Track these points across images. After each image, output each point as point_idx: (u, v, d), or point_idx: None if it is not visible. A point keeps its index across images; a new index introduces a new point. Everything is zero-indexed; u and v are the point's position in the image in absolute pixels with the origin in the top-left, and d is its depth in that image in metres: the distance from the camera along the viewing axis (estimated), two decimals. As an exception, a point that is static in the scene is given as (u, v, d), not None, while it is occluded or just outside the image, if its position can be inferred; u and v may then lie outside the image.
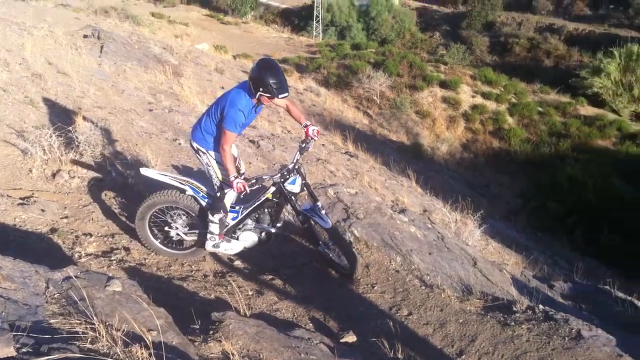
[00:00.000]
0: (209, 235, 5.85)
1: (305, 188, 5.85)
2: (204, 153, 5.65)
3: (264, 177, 5.70)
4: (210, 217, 5.76)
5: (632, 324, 6.57)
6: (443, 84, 26.09)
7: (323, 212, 5.86)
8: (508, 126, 24.06)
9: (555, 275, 9.32)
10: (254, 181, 5.51)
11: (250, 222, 5.92)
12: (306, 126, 5.75)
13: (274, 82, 5.12)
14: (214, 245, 5.90)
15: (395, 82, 25.91)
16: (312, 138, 5.74)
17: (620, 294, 7.83)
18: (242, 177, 5.63)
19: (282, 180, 5.64)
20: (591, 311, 6.96)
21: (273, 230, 5.93)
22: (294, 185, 5.67)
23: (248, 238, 5.91)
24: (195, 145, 5.70)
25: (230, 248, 5.95)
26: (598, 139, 22.91)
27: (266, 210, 5.91)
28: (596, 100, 26.56)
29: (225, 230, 5.84)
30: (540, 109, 25.19)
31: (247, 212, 5.83)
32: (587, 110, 25.43)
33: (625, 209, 14.23)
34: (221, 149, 5.38)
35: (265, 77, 5.12)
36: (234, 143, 5.73)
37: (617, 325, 6.22)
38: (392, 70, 26.33)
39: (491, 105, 25.23)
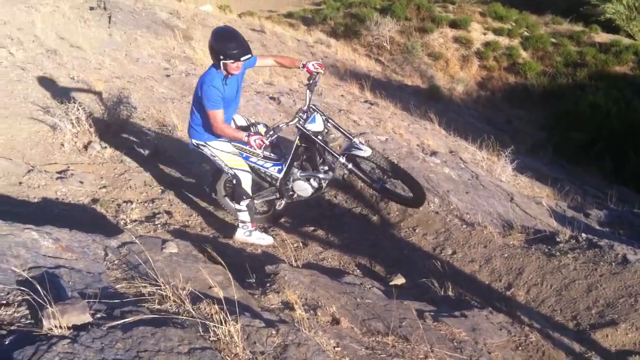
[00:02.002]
0: (240, 224, 5.72)
1: (329, 124, 5.55)
2: (204, 146, 5.44)
3: (280, 125, 5.37)
4: (237, 206, 5.66)
5: (672, 245, 6.56)
6: (453, 24, 25.60)
7: (359, 142, 5.48)
8: (522, 60, 23.66)
9: (588, 204, 9.30)
10: (271, 132, 5.18)
11: (296, 172, 5.69)
12: (304, 65, 5.47)
13: (232, 46, 4.84)
14: (245, 234, 5.72)
15: (404, 27, 25.45)
16: (316, 72, 5.44)
17: (657, 217, 7.83)
18: (261, 126, 5.54)
19: (300, 122, 5.35)
20: (630, 236, 6.96)
21: (320, 175, 5.62)
22: (314, 124, 5.36)
23: (300, 187, 5.69)
24: (194, 142, 5.50)
25: (262, 238, 5.77)
26: (615, 66, 22.48)
27: (302, 157, 5.68)
28: (610, 27, 25.97)
29: (282, 188, 5.73)
30: (553, 40, 24.74)
31: (288, 162, 5.63)
32: (601, 37, 24.90)
33: (651, 133, 14.11)
34: (216, 130, 5.16)
35: (221, 45, 4.87)
36: (233, 115, 5.58)
37: (657, 247, 6.22)
38: (399, 14, 25.85)
39: (503, 41, 24.77)
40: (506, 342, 4.24)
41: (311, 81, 5.45)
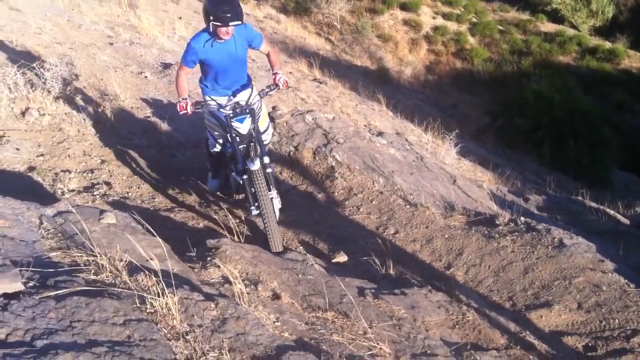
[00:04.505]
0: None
1: (254, 135, 5.32)
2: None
3: (210, 104, 5.30)
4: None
5: (607, 231, 6.76)
6: (403, 6, 25.66)
7: (264, 160, 5.18)
8: (470, 46, 23.91)
9: (528, 189, 9.50)
10: (199, 106, 5.16)
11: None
12: (275, 73, 5.36)
13: (224, 9, 4.75)
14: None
15: (355, 6, 25.37)
16: (277, 85, 5.30)
17: (593, 204, 8.03)
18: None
19: (230, 113, 5.18)
20: (567, 221, 7.12)
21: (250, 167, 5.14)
22: (241, 124, 5.19)
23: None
24: None
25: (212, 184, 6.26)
26: (559, 55, 22.96)
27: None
28: (556, 17, 26.49)
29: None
30: (500, 27, 25.06)
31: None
32: (547, 27, 25.35)
33: (590, 122, 14.46)
34: (176, 77, 5.32)
35: (213, 6, 4.79)
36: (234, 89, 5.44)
37: (592, 233, 6.40)
38: (351, -7, 25.87)
39: (452, 26, 24.98)
40: (444, 320, 4.30)
41: (267, 89, 5.33)
